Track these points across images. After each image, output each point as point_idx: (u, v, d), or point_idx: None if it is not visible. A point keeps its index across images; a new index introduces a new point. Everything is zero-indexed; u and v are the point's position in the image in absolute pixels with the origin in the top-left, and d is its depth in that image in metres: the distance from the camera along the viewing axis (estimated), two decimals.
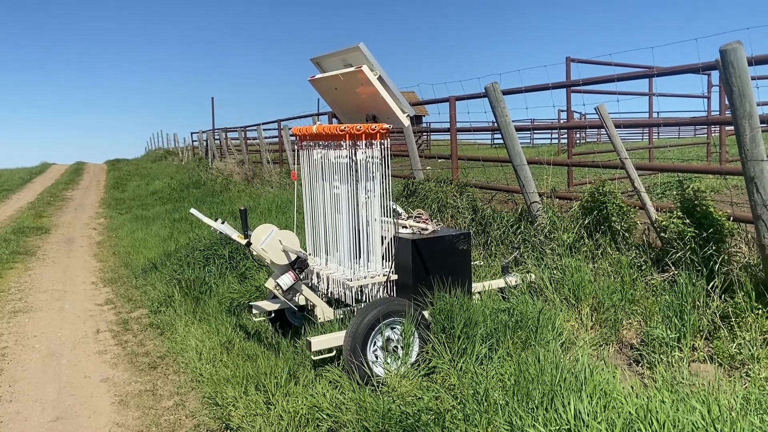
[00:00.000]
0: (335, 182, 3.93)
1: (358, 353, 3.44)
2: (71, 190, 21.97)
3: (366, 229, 3.82)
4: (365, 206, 3.82)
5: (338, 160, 3.89)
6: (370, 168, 3.80)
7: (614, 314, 3.96)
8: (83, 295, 6.67)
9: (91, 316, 5.85)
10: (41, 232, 11.69)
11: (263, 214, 9.25)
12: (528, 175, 5.25)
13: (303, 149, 4.23)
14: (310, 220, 4.19)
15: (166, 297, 5.75)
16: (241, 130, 18.37)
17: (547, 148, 27.05)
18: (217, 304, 5.25)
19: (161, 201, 14.50)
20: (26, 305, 6.24)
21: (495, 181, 8.23)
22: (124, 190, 19.67)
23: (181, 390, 3.96)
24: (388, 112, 3.88)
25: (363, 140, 3.77)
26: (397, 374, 3.48)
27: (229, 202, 11.91)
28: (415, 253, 3.90)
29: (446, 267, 4.00)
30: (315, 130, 3.99)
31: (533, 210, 5.21)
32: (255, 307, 4.27)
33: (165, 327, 5.19)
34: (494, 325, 3.64)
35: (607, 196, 4.59)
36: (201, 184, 16.00)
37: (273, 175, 13.14)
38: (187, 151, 28.62)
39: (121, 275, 7.55)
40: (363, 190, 3.82)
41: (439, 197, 6.61)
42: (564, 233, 4.77)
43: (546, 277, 4.42)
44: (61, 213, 15.24)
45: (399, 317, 3.58)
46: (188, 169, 21.63)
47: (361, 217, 3.82)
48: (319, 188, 4.08)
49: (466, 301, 3.71)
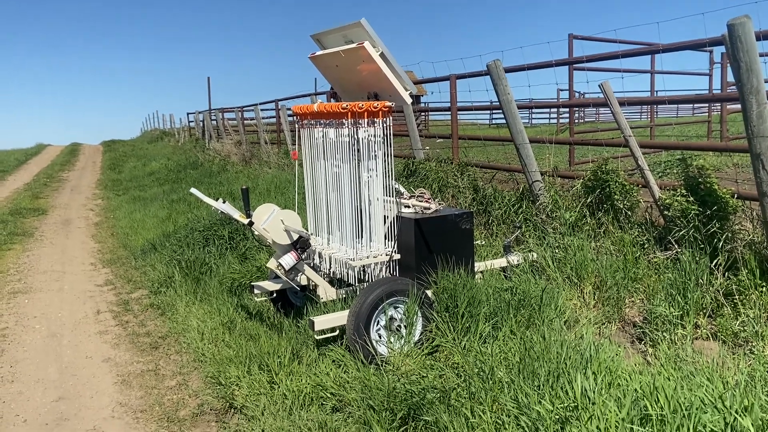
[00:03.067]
0: (336, 161, 3.90)
1: (362, 332, 3.43)
2: (67, 172, 21.85)
3: (368, 208, 3.79)
4: (367, 185, 3.78)
5: (339, 138, 3.85)
6: (371, 146, 3.76)
7: (617, 292, 3.95)
8: (82, 276, 6.65)
9: (91, 296, 5.84)
10: (38, 213, 11.63)
11: (262, 194, 9.20)
12: (530, 153, 5.21)
13: (303, 128, 4.18)
14: (312, 199, 4.16)
15: (166, 278, 5.73)
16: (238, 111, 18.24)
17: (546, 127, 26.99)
18: (218, 284, 5.23)
19: (158, 182, 14.43)
20: (25, 286, 6.22)
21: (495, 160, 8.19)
22: (121, 171, 19.57)
23: (184, 370, 3.95)
24: (390, 90, 3.83)
25: (365, 118, 3.72)
26: (400, 353, 3.48)
27: (227, 182, 11.85)
28: (418, 232, 3.87)
29: (449, 246, 3.98)
30: (316, 109, 3.94)
31: (535, 189, 5.18)
32: (256, 287, 4.25)
33: (166, 307, 5.18)
34: (497, 303, 3.63)
35: (610, 175, 4.56)
36: (198, 165, 15.91)
37: (271, 156, 13.06)
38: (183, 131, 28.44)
39: (120, 256, 7.52)
40: (365, 169, 3.78)
41: (439, 177, 6.57)
42: (566, 212, 4.75)
43: (548, 256, 4.40)
44: (58, 194, 15.17)
45: (402, 296, 3.56)
46: (185, 150, 21.51)
47: (363, 197, 3.79)
48: (320, 168, 4.05)
49: (469, 280, 3.70)
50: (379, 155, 3.77)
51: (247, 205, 3.64)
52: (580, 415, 2.22)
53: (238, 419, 3.22)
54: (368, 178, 3.79)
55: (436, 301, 3.67)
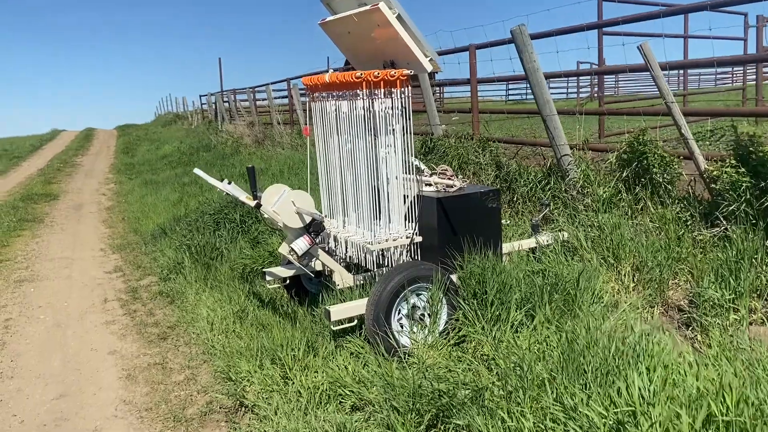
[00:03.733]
0: (351, 137, 3.58)
1: (382, 322, 3.15)
2: (81, 156, 21.77)
3: (386, 187, 3.48)
4: (385, 162, 3.47)
5: (354, 112, 3.53)
6: (389, 119, 3.44)
7: (659, 274, 3.62)
8: (91, 263, 6.44)
9: (99, 284, 5.62)
10: (50, 198, 11.48)
11: (275, 176, 8.92)
12: (558, 125, 4.85)
13: (315, 101, 3.86)
14: (325, 179, 3.85)
15: (175, 264, 5.49)
16: (250, 91, 17.93)
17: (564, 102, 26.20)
18: (229, 270, 4.97)
19: (171, 165, 14.22)
20: (32, 274, 6.02)
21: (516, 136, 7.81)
22: (134, 155, 19.41)
23: (193, 363, 3.71)
24: (409, 56, 3.50)
25: (381, 88, 3.39)
26: (424, 344, 3.19)
27: (239, 164, 11.58)
28: (441, 212, 3.56)
29: (474, 227, 3.66)
30: (328, 80, 3.62)
31: (564, 164, 4.83)
32: (269, 274, 3.98)
33: (175, 295, 4.94)
34: (529, 288, 3.32)
35: (648, 146, 4.20)
36: (211, 148, 15.67)
37: (284, 136, 12.77)
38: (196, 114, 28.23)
39: (131, 241, 7.31)
40: (382, 145, 3.47)
41: (459, 153, 6.23)
42: (599, 187, 4.40)
43: (581, 235, 4.07)
44: (71, 179, 15.03)
45: (425, 282, 3.26)
46: (198, 133, 21.28)
47: (381, 175, 3.48)
48: (334, 144, 3.73)
49: (498, 264, 3.39)
50: (397, 129, 3.45)
51: (254, 186, 3.34)
52: (639, 421, 1.91)
53: (249, 419, 2.96)
54: (385, 154, 3.48)
55: (463, 287, 3.37)
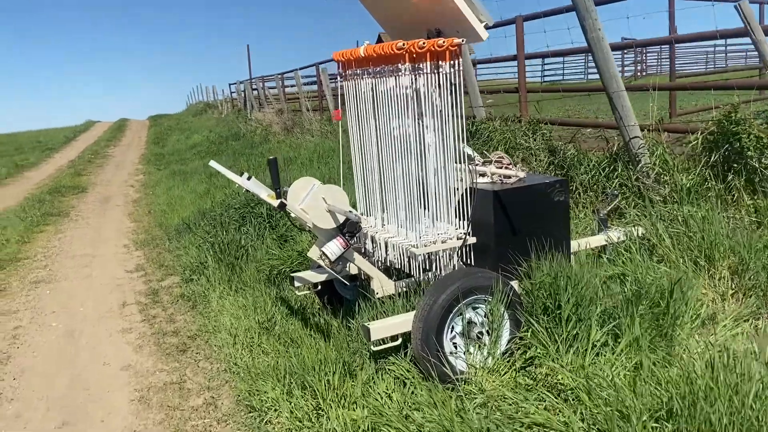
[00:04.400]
0: (391, 121, 3.03)
1: (432, 343, 2.62)
2: (113, 147, 21.71)
3: (433, 179, 2.93)
4: (431, 150, 2.92)
5: (394, 91, 2.98)
6: (436, 99, 2.88)
7: (766, 279, 3.00)
8: (113, 260, 6.06)
9: (119, 285, 5.22)
10: (78, 191, 11.25)
11: (304, 165, 8.45)
12: (626, 103, 4.22)
13: (348, 80, 3.32)
14: (360, 171, 3.32)
15: (198, 263, 5.05)
16: (278, 78, 17.50)
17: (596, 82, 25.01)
18: (255, 271, 4.50)
19: (200, 155, 13.89)
20: (50, 274, 5.66)
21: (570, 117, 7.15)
22: (164, 145, 19.21)
23: (213, 383, 3.24)
24: (459, 22, 2.92)
25: (427, 62, 2.84)
26: (483, 368, 2.66)
27: (268, 153, 11.15)
28: (498, 208, 3.00)
29: (538, 224, 3.10)
30: (363, 53, 3.07)
31: (634, 147, 4.20)
32: (297, 279, 3.48)
33: (197, 299, 4.50)
34: (611, 300, 2.75)
35: (741, 125, 3.55)
36: (240, 136, 15.30)
37: (313, 123, 12.28)
38: (226, 103, 28.02)
39: (155, 237, 6.92)
40: (428, 130, 2.92)
41: (506, 138, 5.64)
42: (680, 174, 3.77)
43: (663, 231, 3.46)
44: (101, 170, 14.86)
45: (483, 294, 2.72)
46: (227, 122, 20.99)
47: (427, 165, 2.93)
48: (371, 130, 3.19)
49: (574, 271, 2.81)
50: (447, 110, 2.90)
51: (277, 182, 2.82)
52: None
53: None
54: (432, 140, 2.93)
55: (529, 299, 2.81)
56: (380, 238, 3.16)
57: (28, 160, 18.17)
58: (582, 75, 26.90)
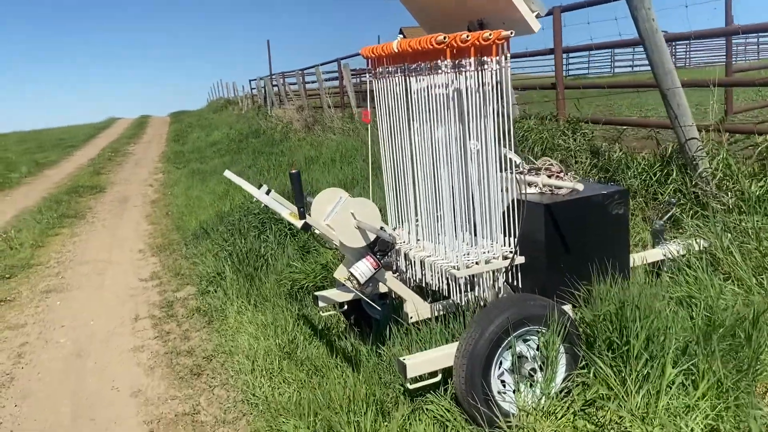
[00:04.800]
0: (428, 124, 2.69)
1: (478, 383, 2.27)
2: (133, 145, 21.64)
3: (477, 190, 2.58)
4: (476, 158, 2.57)
5: (432, 90, 2.63)
6: (481, 100, 2.53)
7: None
8: (128, 267, 5.80)
9: (132, 296, 4.95)
10: (96, 191, 11.07)
11: (326, 165, 8.13)
12: (683, 101, 3.82)
13: (378, 78, 2.98)
14: (392, 179, 2.98)
15: (215, 273, 4.75)
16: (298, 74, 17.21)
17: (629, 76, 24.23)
18: (275, 284, 4.19)
19: (219, 153, 13.67)
20: (62, 283, 5.42)
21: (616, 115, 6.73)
22: (185, 143, 19.05)
23: (229, 416, 2.93)
24: (506, 12, 2.57)
25: (470, 57, 2.48)
26: (536, 409, 2.31)
27: (288, 152, 10.86)
28: (550, 223, 2.64)
29: (595, 242, 2.73)
30: (396, 49, 2.73)
31: (690, 150, 3.80)
32: (321, 299, 3.15)
33: (214, 313, 4.20)
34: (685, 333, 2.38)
35: None
36: (260, 134, 15.05)
37: (335, 121, 11.96)
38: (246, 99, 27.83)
39: (172, 241, 6.66)
40: (471, 135, 2.57)
41: (542, 138, 5.25)
42: (747, 181, 3.37)
43: (730, 244, 3.07)
44: (120, 169, 14.72)
45: (536, 324, 2.36)
46: (248, 118, 20.78)
47: (470, 174, 2.58)
48: (404, 134, 2.85)
49: (643, 298, 2.44)
50: (492, 112, 2.54)
51: (301, 198, 2.46)
52: None
53: None
54: (476, 146, 2.58)
55: (590, 330, 2.45)
56: (415, 255, 2.82)
57: (49, 158, 18.16)
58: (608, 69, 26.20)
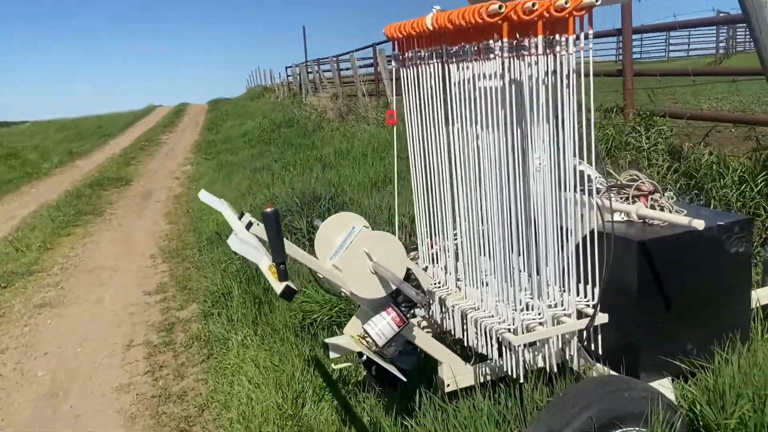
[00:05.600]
0: (474, 127, 1.95)
1: None
2: (168, 134, 21.38)
3: (542, 219, 1.84)
4: (540, 174, 1.83)
5: (480, 82, 1.89)
6: (550, 96, 1.79)
7: None
8: (134, 278, 5.24)
9: (131, 314, 4.37)
10: (121, 183, 10.66)
11: (356, 160, 7.45)
12: None
13: (408, 66, 2.26)
14: (423, 198, 2.25)
15: (222, 293, 4.13)
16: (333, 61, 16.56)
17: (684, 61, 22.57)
18: (286, 311, 3.53)
19: (250, 144, 13.13)
20: (59, 295, 4.88)
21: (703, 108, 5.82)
22: (218, 132, 18.63)
23: None
24: None
25: (537, 36, 1.74)
26: None
27: (320, 144, 10.22)
28: (645, 266, 1.89)
29: (707, 291, 1.97)
30: (431, 24, 1.99)
31: None
32: (333, 348, 2.45)
33: (215, 344, 3.58)
34: None
35: None
36: (294, 123, 14.46)
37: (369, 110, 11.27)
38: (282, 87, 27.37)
39: (186, 245, 6.09)
40: (534, 143, 1.83)
41: (607, 134, 4.43)
42: None
43: None
44: (151, 159, 14.36)
45: (633, 425, 1.62)
46: (283, 106, 20.25)
47: (533, 195, 1.84)
48: (441, 140, 2.12)
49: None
50: (567, 113, 1.80)
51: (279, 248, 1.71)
52: None
53: None
54: (541, 158, 1.84)
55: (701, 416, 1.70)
56: (455, 305, 2.10)
57: (83, 147, 18.01)
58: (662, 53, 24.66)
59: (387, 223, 4.57)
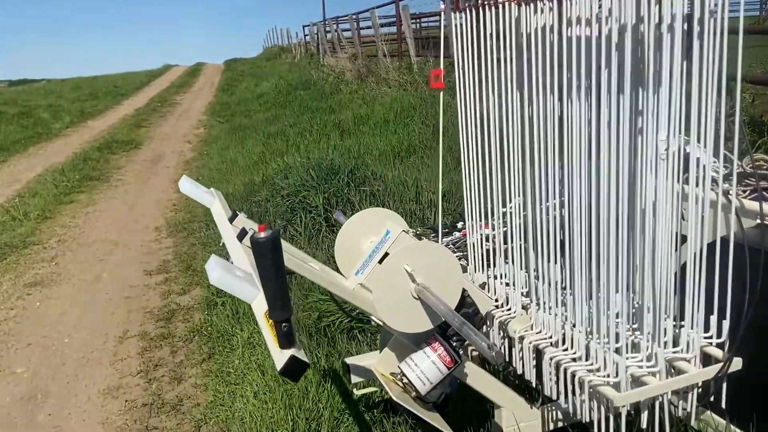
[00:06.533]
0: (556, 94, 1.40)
1: None
2: (182, 94, 20.84)
3: (658, 222, 1.31)
4: (657, 162, 1.29)
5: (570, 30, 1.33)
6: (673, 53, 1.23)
7: None
8: (135, 254, 4.79)
9: (128, 298, 3.92)
10: (131, 147, 10.19)
11: (377, 126, 6.89)
12: None
13: (461, 10, 1.69)
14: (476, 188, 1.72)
15: None
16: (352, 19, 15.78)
17: None
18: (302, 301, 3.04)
19: (265, 107, 12.57)
20: (53, 272, 4.45)
21: None
22: (233, 93, 18.04)
23: None
24: None
25: None
26: None
27: (338, 107, 9.64)
28: None
29: None
30: None
31: None
32: (354, 370, 1.96)
33: (217, 339, 3.11)
34: None
35: None
36: (310, 85, 13.85)
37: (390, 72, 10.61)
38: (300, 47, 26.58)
39: (194, 217, 5.62)
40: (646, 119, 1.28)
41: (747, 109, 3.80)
42: None
43: None
44: (163, 121, 13.87)
45: None
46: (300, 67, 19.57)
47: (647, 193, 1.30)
48: (511, 112, 1.58)
49: None
50: (699, 78, 1.24)
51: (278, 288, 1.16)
52: None
53: None
54: (658, 141, 1.29)
55: None
56: (523, 336, 1.57)
57: (96, 107, 17.56)
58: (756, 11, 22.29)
59: (414, 201, 4.04)
